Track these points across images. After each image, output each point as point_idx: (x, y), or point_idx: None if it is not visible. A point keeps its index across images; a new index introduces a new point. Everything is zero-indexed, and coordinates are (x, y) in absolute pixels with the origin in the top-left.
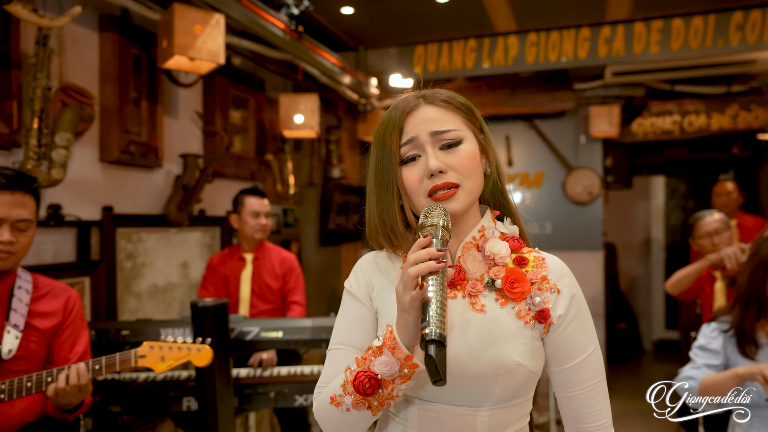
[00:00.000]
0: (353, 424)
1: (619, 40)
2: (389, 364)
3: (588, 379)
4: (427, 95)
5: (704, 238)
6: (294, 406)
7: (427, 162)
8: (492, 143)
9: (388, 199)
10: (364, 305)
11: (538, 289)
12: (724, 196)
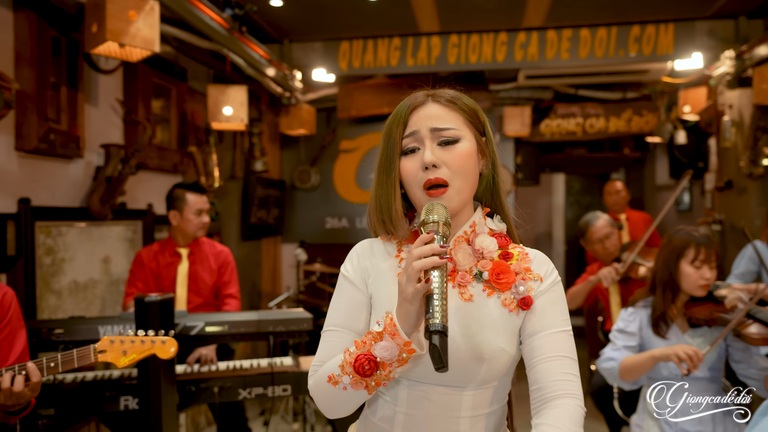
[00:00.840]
0: (348, 401)
1: (533, 46)
2: (389, 349)
3: (556, 350)
4: (435, 94)
5: (596, 244)
6: (238, 399)
7: (423, 155)
8: (493, 146)
9: (388, 186)
10: (359, 290)
11: (522, 279)
12: (615, 194)
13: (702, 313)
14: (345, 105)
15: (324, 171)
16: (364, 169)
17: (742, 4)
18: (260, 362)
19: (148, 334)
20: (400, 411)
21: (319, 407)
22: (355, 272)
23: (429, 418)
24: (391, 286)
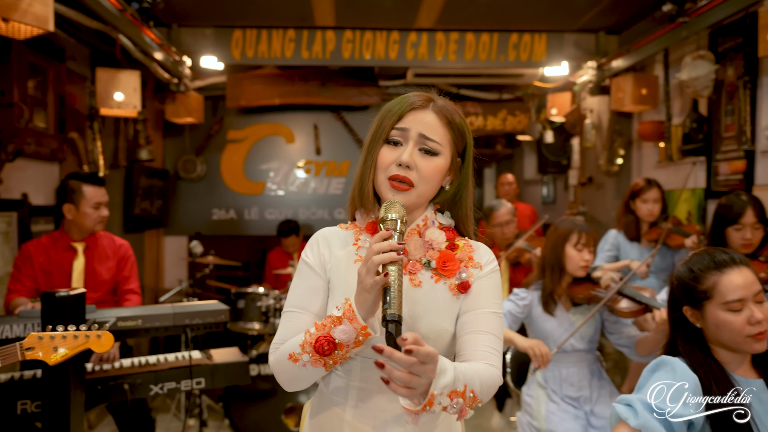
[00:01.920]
0: (306, 377)
1: (423, 46)
2: (347, 332)
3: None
4: (436, 104)
5: (496, 228)
6: (149, 395)
7: (403, 153)
8: (468, 166)
9: (367, 166)
10: (318, 275)
11: (465, 267)
12: (507, 185)
13: (582, 293)
14: (234, 94)
15: (210, 161)
16: (253, 159)
17: (602, 20)
18: (167, 357)
19: (80, 329)
20: (354, 385)
21: (279, 381)
22: (314, 258)
23: (380, 391)
24: (348, 271)
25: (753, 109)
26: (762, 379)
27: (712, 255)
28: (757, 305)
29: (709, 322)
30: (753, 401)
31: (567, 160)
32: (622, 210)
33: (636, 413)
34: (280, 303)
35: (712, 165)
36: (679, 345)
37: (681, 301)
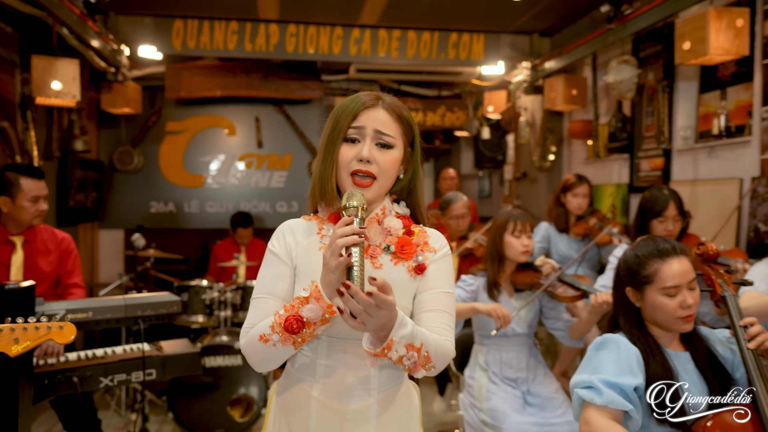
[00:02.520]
0: (276, 357)
1: (366, 42)
2: (314, 310)
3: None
4: (385, 101)
5: (452, 219)
6: (99, 388)
7: (362, 149)
8: (417, 157)
9: (328, 164)
10: (284, 263)
11: (420, 251)
12: (449, 180)
13: (525, 279)
14: (174, 85)
15: (148, 153)
16: (193, 151)
17: (536, 23)
18: (114, 350)
19: (41, 320)
20: (320, 363)
21: (251, 363)
22: (281, 247)
23: (345, 367)
24: (313, 257)
25: (670, 111)
26: (688, 352)
27: (657, 244)
28: (690, 292)
29: (648, 303)
30: (681, 371)
31: (502, 156)
32: (553, 203)
33: (599, 392)
34: (225, 296)
35: (634, 162)
36: (621, 321)
37: (625, 282)
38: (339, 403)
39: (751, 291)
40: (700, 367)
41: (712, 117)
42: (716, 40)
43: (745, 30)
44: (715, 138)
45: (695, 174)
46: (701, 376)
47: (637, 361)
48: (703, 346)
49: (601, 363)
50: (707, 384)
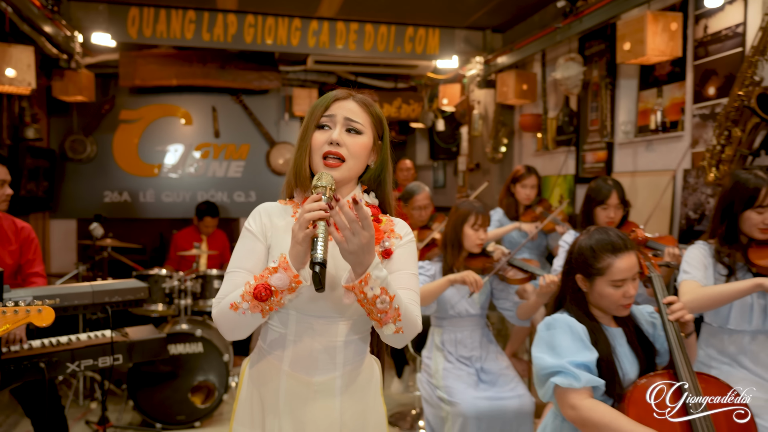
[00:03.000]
0: (246, 324)
1: (324, 35)
2: (282, 279)
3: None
4: (357, 96)
5: (415, 210)
6: (66, 373)
7: (332, 133)
8: (386, 150)
9: (302, 150)
10: (259, 241)
11: (387, 237)
12: (405, 170)
13: (477, 264)
14: (128, 73)
15: (101, 141)
16: (148, 141)
17: (489, 19)
18: (79, 337)
19: (19, 304)
20: (290, 338)
21: (222, 331)
22: (257, 227)
23: (313, 343)
24: (287, 237)
25: (612, 106)
26: (620, 328)
27: (611, 239)
28: (632, 282)
29: (595, 291)
30: (616, 345)
31: (456, 147)
32: (503, 193)
33: (576, 377)
34: (185, 284)
35: (580, 154)
36: (567, 302)
37: (577, 269)
38: (306, 376)
39: (688, 281)
40: (631, 341)
41: (649, 113)
42: (653, 41)
43: (678, 33)
44: (652, 132)
45: (634, 166)
46: (631, 349)
47: (586, 337)
48: (632, 323)
49: (558, 342)
50: (636, 355)
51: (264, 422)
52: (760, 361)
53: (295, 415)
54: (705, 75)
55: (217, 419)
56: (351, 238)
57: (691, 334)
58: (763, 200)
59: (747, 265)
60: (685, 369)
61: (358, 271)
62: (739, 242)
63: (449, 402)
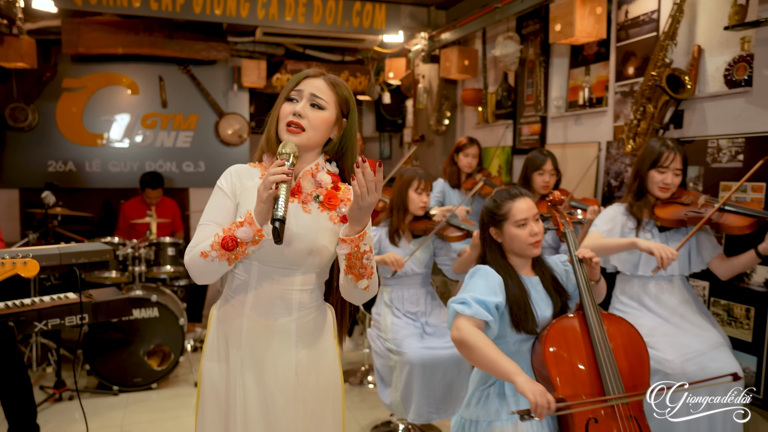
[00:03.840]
0: (214, 271)
1: (274, 7)
2: (247, 233)
3: None
4: (327, 75)
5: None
6: (35, 332)
7: (297, 105)
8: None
9: (273, 119)
10: (229, 198)
11: (344, 204)
12: None
13: (420, 226)
14: (71, 40)
15: (44, 110)
16: (93, 110)
17: None
18: (43, 299)
19: (5, 257)
20: (252, 286)
21: (192, 276)
22: (228, 186)
23: (272, 290)
24: (252, 198)
25: (546, 83)
26: (537, 276)
27: (508, 189)
28: (535, 222)
29: (506, 236)
30: (531, 291)
31: (402, 120)
32: (448, 162)
33: (470, 305)
34: (139, 252)
35: (517, 127)
36: (487, 255)
37: (488, 224)
38: (265, 319)
39: (593, 232)
40: (546, 287)
41: (578, 90)
42: (581, 24)
43: (603, 17)
44: (580, 107)
45: (565, 138)
46: (547, 294)
47: (499, 286)
48: (548, 271)
49: (472, 285)
50: (551, 298)
51: (228, 356)
52: (661, 302)
53: (255, 351)
54: (626, 56)
55: (173, 381)
56: (365, 195)
57: (599, 281)
58: (663, 162)
59: (653, 218)
60: (592, 309)
61: (357, 228)
62: (647, 199)
63: (397, 352)
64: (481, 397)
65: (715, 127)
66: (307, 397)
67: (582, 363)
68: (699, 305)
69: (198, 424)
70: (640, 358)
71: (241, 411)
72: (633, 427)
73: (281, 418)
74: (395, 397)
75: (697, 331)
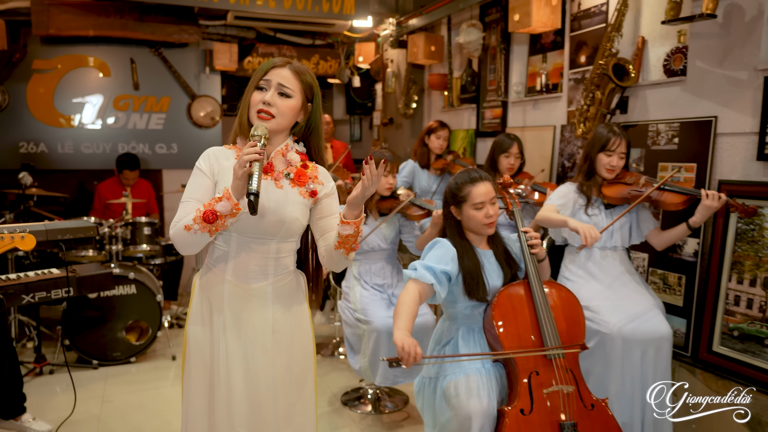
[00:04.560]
0: (197, 242)
1: None
2: (225, 206)
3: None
4: (292, 65)
5: None
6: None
7: (266, 95)
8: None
9: (244, 105)
10: (207, 177)
11: (311, 181)
12: (325, 125)
13: (386, 205)
14: (41, 21)
15: (14, 91)
16: (65, 91)
17: None
18: (28, 274)
19: (3, 231)
20: (231, 255)
21: (177, 248)
22: (206, 166)
23: (249, 258)
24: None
25: (506, 69)
26: (491, 250)
27: (469, 173)
28: (491, 206)
29: (464, 216)
30: (485, 263)
31: (371, 103)
32: (418, 143)
33: (415, 270)
34: (115, 231)
35: (480, 111)
36: (447, 230)
37: (449, 203)
38: (244, 284)
39: (548, 204)
40: (498, 259)
41: (536, 76)
42: (537, 14)
43: (558, 8)
44: (538, 93)
45: (524, 122)
46: (498, 265)
47: (452, 257)
48: (502, 245)
49: (430, 254)
50: (502, 269)
51: (212, 319)
52: (604, 269)
53: (236, 313)
54: (578, 45)
55: (151, 355)
56: (369, 186)
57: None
58: (610, 146)
59: (600, 197)
60: (535, 277)
61: (356, 212)
62: (595, 179)
63: (365, 321)
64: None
65: (655, 112)
66: (282, 352)
67: (525, 323)
68: (636, 275)
69: (185, 383)
70: (577, 319)
71: (224, 367)
72: (569, 378)
73: (260, 371)
74: (363, 363)
75: (634, 296)
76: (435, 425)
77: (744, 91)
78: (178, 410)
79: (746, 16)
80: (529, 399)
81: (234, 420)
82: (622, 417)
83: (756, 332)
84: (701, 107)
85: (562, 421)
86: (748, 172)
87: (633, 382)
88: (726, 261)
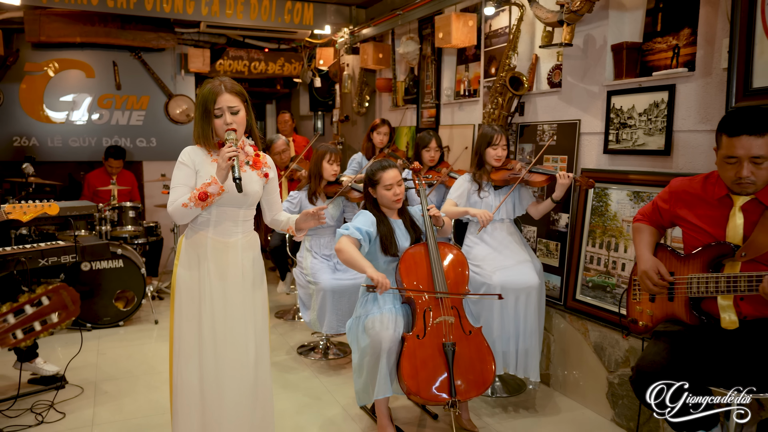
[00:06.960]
0: (192, 214)
1: (216, 5)
2: (214, 188)
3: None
4: (227, 86)
5: (276, 155)
6: (39, 266)
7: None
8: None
9: (207, 129)
10: (191, 168)
11: (264, 166)
12: (284, 123)
13: (332, 189)
14: (33, 30)
15: (8, 91)
16: (54, 92)
17: None
18: (38, 244)
19: (35, 201)
20: (212, 220)
21: (175, 219)
22: (189, 160)
23: (225, 221)
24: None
25: (439, 76)
26: (400, 219)
27: (381, 162)
28: (398, 186)
29: (378, 194)
30: (396, 229)
31: (332, 101)
32: (365, 139)
33: (347, 228)
34: (104, 213)
35: (419, 111)
36: (367, 205)
37: (367, 184)
38: (223, 239)
39: (449, 200)
40: (406, 226)
41: (461, 83)
42: (457, 33)
43: (474, 28)
44: (462, 97)
45: (452, 120)
46: (406, 231)
47: (372, 223)
48: (408, 216)
49: (356, 220)
50: (409, 234)
51: (199, 265)
52: (495, 238)
53: (217, 260)
54: (490, 59)
55: (137, 320)
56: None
57: (443, 225)
58: (495, 141)
59: (489, 181)
60: (432, 240)
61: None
62: (485, 168)
63: (314, 282)
64: (362, 302)
65: (542, 115)
66: (248, 287)
67: (423, 273)
68: (521, 240)
69: (176, 314)
70: (462, 273)
71: (209, 301)
72: (453, 313)
73: (237, 302)
74: (313, 316)
75: (514, 256)
76: (358, 350)
77: (596, 101)
78: (162, 358)
79: (597, 44)
80: (423, 327)
81: (217, 336)
82: (502, 347)
83: (602, 283)
84: (570, 112)
85: (445, 342)
86: (599, 162)
87: (509, 320)
88: (585, 230)
